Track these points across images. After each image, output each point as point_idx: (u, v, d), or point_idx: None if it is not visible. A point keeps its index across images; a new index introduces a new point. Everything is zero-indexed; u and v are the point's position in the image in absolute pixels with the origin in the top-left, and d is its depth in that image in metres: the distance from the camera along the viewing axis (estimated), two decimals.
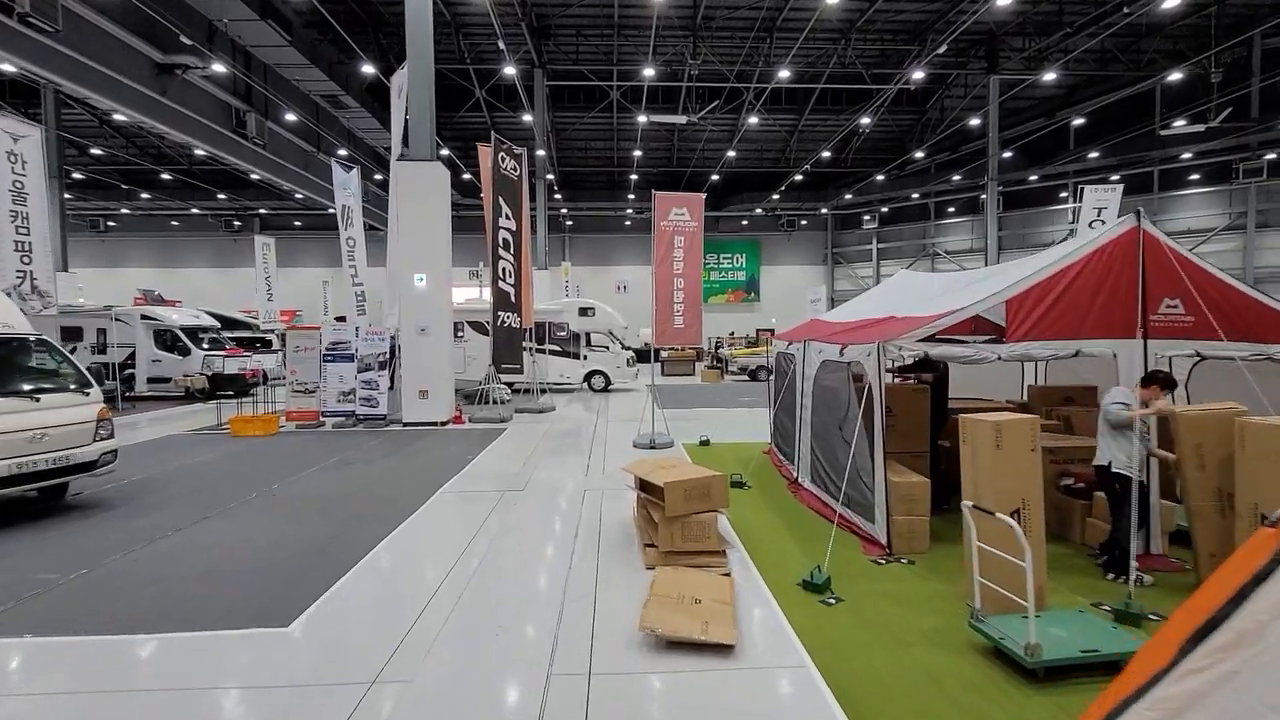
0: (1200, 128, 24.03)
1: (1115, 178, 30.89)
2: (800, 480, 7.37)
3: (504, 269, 13.26)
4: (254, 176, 29.34)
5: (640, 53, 26.27)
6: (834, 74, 27.34)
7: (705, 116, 24.29)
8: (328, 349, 12.03)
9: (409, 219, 12.04)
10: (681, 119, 23.04)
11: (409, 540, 5.83)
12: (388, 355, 12.24)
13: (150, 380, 16.52)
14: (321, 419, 12.11)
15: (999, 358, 5.21)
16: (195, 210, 35.89)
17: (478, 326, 17.60)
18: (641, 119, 23.85)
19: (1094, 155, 28.53)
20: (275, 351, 19.08)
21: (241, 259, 34.91)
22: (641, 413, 13.92)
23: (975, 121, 27.54)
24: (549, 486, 7.73)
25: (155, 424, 12.91)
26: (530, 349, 14.38)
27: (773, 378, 9.26)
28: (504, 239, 13.25)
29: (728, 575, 4.76)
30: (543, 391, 15.93)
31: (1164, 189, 29.62)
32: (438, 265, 12.19)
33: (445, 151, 27.76)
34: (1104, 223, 20.46)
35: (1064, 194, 31.97)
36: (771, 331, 37.29)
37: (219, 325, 18.74)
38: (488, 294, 13.55)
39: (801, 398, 7.36)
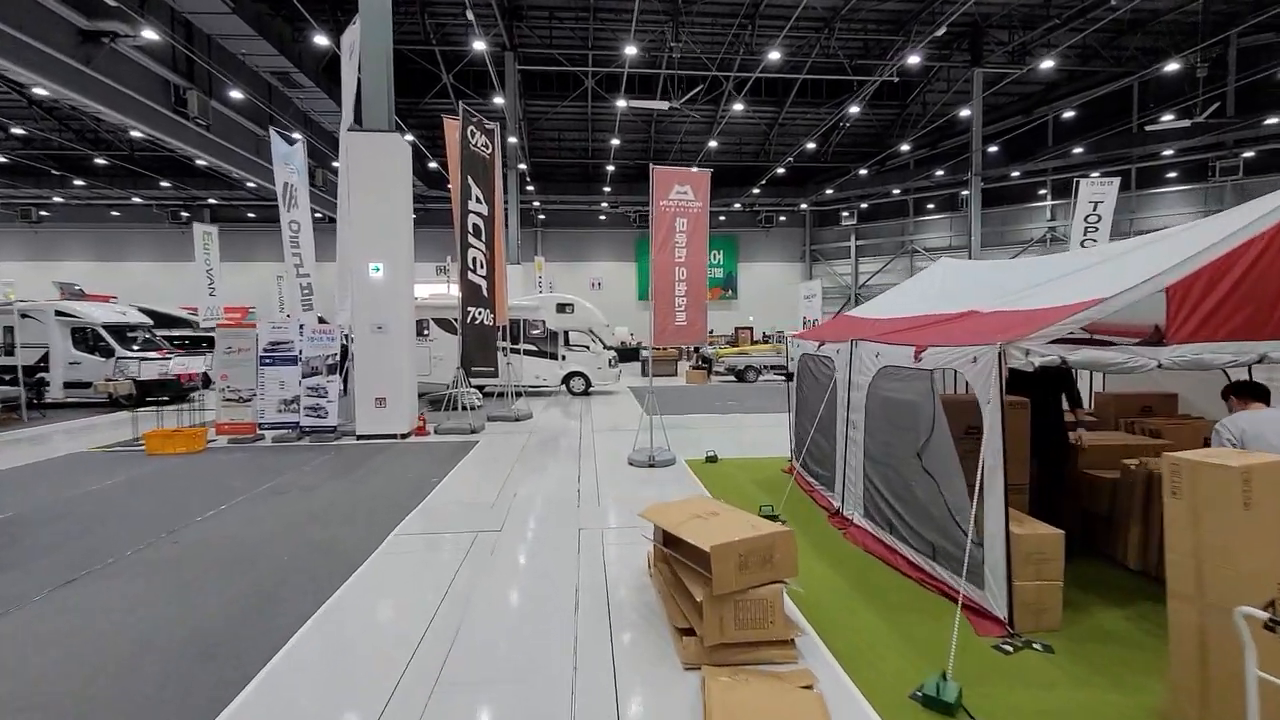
0: (1186, 123, 23.41)
1: (1096, 174, 30.39)
2: (848, 514, 5.87)
3: (474, 259, 11.52)
4: (200, 163, 26.83)
5: (618, 38, 24.66)
6: (816, 64, 26.10)
7: (687, 103, 22.73)
8: (266, 350, 10.14)
9: (363, 200, 10.23)
10: (664, 104, 21.51)
11: (343, 622, 4.14)
12: (338, 357, 10.41)
13: (68, 385, 14.30)
14: (259, 432, 10.22)
15: (1158, 365, 3.77)
16: (138, 200, 33.01)
17: (445, 324, 15.80)
18: (621, 103, 22.24)
19: (1077, 151, 27.81)
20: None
21: (190, 253, 32.10)
22: (629, 419, 12.40)
23: (965, 113, 26.57)
24: (534, 524, 6.09)
25: (67, 437, 10.86)
26: (504, 349, 12.69)
27: (794, 384, 7.76)
28: (474, 224, 11.50)
29: (810, 688, 3.21)
30: (518, 395, 14.23)
31: (1141, 186, 29.16)
32: (397, 253, 10.41)
33: (409, 137, 25.70)
34: (1100, 217, 19.58)
35: (1043, 191, 31.36)
36: (750, 330, 36.09)
37: (151, 323, 16.52)
38: (456, 289, 11.81)
39: (848, 412, 5.87)
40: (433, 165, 29.49)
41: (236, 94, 20.32)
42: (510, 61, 25.00)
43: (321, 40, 18.91)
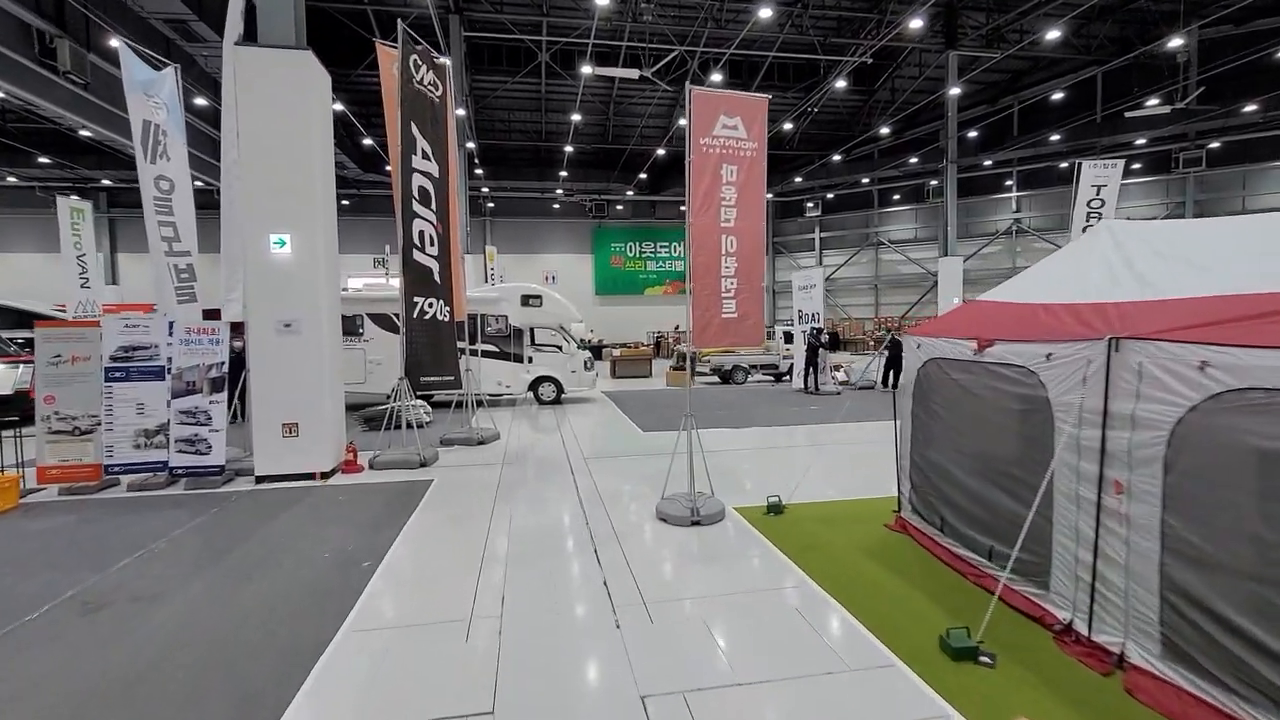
0: (1167, 109, 22.34)
1: (1063, 164, 29.44)
2: (1109, 642, 3.29)
3: (421, 233, 8.48)
4: (85, 134, 22.35)
5: (575, 4, 21.72)
6: (788, 40, 23.88)
7: (658, 73, 19.99)
8: (115, 360, 6.84)
9: (260, 145, 7.07)
10: (633, 72, 18.74)
11: None
12: (226, 368, 7.21)
13: None
14: (109, 478, 6.93)
15: None
16: (13, 180, 27.75)
17: (383, 321, 12.60)
18: (586, 69, 19.31)
19: (1055, 139, 26.58)
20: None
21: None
22: (620, 438, 9.56)
23: (955, 92, 24.82)
24: (551, 691, 3.25)
25: None
26: (462, 351, 9.72)
27: (905, 399, 5.17)
28: (420, 188, 8.46)
29: None
30: (479, 404, 11.22)
31: None
32: (312, 220, 7.30)
33: (339, 107, 21.98)
34: (1103, 202, 18.01)
35: (1009, 182, 30.24)
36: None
37: None
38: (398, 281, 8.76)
39: (1101, 465, 3.31)
40: (367, 142, 25.72)
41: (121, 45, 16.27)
42: (455, 26, 21.75)
43: None
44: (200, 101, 20.29)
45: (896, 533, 5.25)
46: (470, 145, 25.60)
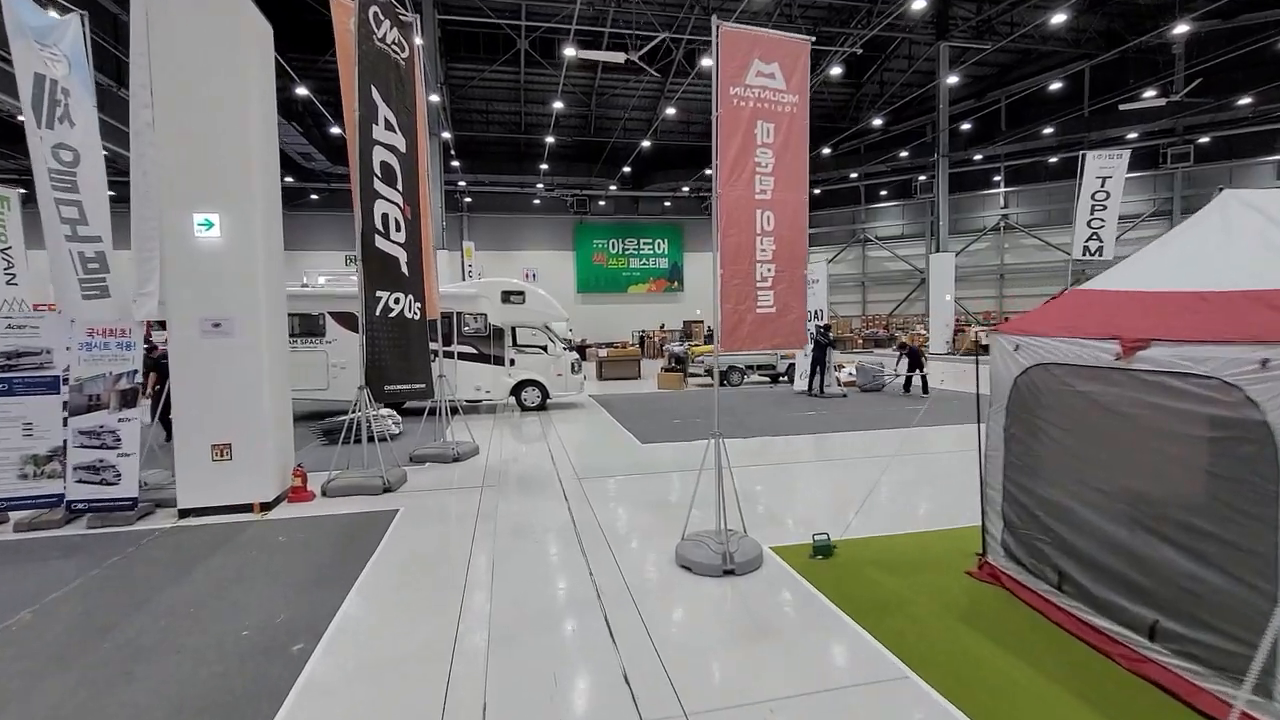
0: (1162, 101, 21.74)
1: (1053, 159, 28.89)
2: None
3: (384, 216, 7.17)
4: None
5: None
6: (777, 27, 22.79)
7: (644, 58, 18.76)
8: None
9: (181, 102, 5.71)
10: (619, 56, 17.45)
11: None
12: (139, 377, 5.84)
13: None
14: None
15: None
16: None
17: (349, 320, 11.22)
18: (570, 52, 17.98)
19: (1046, 132, 25.91)
20: None
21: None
22: (615, 450, 8.26)
23: (952, 80, 23.95)
24: None
25: None
26: (435, 353, 8.42)
27: (999, 415, 4.04)
28: (383, 164, 7.14)
29: None
30: (454, 412, 9.90)
31: None
32: (249, 198, 5.96)
33: (303, 91, 20.40)
34: (1108, 194, 17.25)
35: (997, 178, 29.60)
36: (701, 324, 32.59)
37: None
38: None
39: None
40: (337, 132, 24.08)
41: None
42: (429, 8, 20.28)
43: None
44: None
45: (985, 583, 4.12)
46: (446, 135, 24.12)
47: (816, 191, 32.69)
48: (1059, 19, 18.81)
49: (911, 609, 3.81)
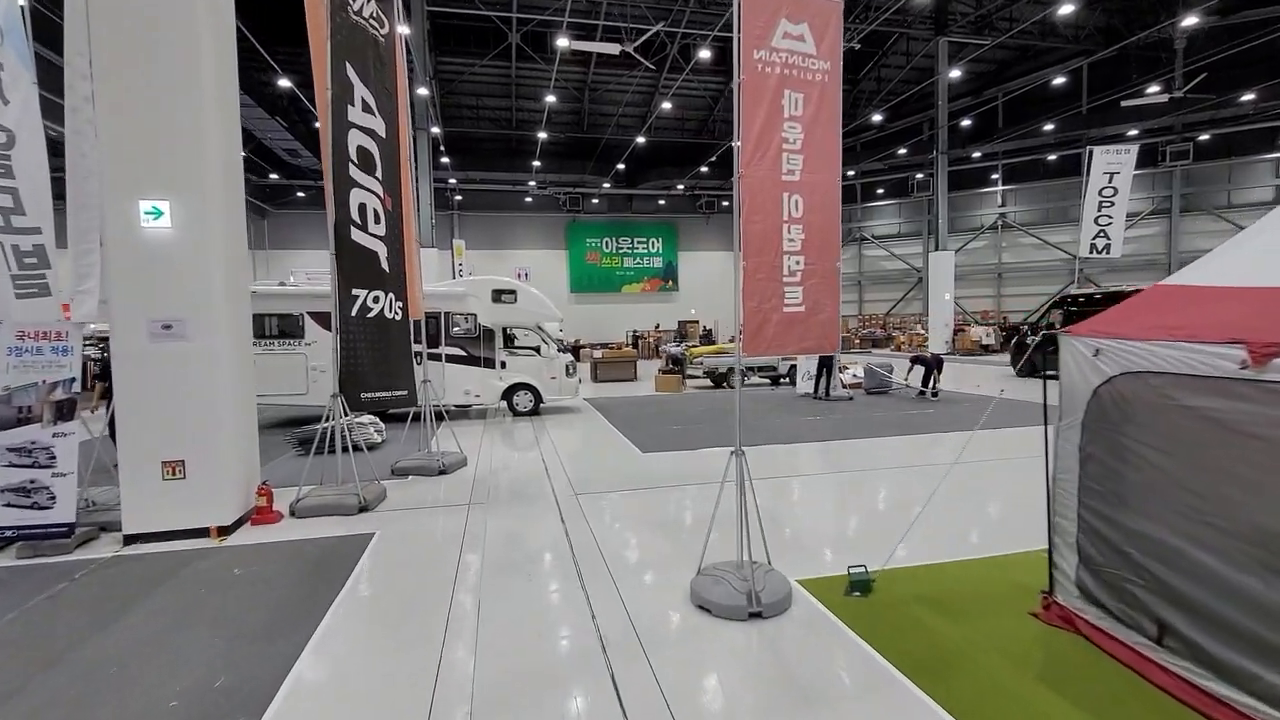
0: (1165, 98, 21.32)
1: (1052, 157, 28.47)
2: None
3: (362, 207, 6.51)
4: None
5: None
6: None
7: (640, 49, 18.10)
8: None
9: (124, 69, 5.02)
10: (613, 47, 16.81)
11: None
12: (75, 387, 5.12)
13: None
14: None
15: None
16: None
17: (329, 320, 10.47)
18: (562, 42, 17.28)
19: (1049, 128, 25.46)
20: None
21: None
22: (613, 460, 7.45)
23: (955, 74, 23.45)
24: None
25: None
26: (420, 355, 7.74)
27: (1075, 435, 3.42)
28: (360, 148, 6.48)
29: None
30: (439, 417, 9.20)
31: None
32: (204, 182, 5.26)
33: (286, 83, 19.60)
34: (1116, 190, 16.77)
35: (994, 176, 29.17)
36: (697, 324, 31.96)
37: None
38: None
39: None
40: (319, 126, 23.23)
41: None
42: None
43: None
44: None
45: (1056, 627, 3.50)
46: (435, 130, 23.38)
47: None
48: (1067, 9, 18.17)
49: (978, 665, 3.18)
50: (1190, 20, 18.18)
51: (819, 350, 4.22)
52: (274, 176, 28.43)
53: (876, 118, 25.61)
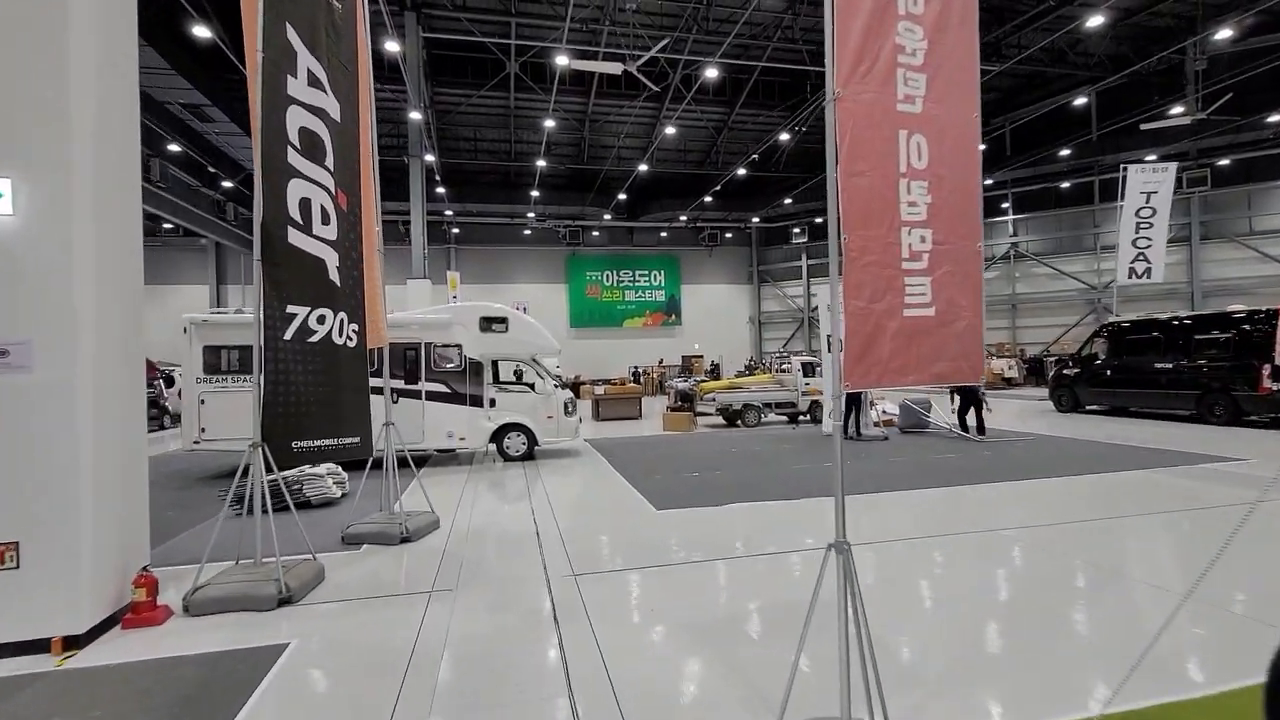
0: (1188, 120, 20.33)
1: (1065, 185, 27.47)
2: None
3: (304, 203, 5.04)
4: None
5: (549, 11, 18.96)
6: (775, 51, 21.69)
7: (641, 70, 17.06)
8: None
9: None
10: (615, 66, 15.76)
11: None
12: None
13: None
14: None
15: None
16: None
17: None
18: (562, 60, 16.31)
19: (1065, 154, 24.47)
20: None
21: None
22: (624, 520, 5.53)
23: None
24: None
25: None
26: (392, 393, 6.19)
27: None
28: (302, 129, 5.05)
29: None
30: (403, 464, 7.56)
31: (1105, 199, 26.25)
32: (64, 154, 3.79)
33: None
34: (1154, 210, 15.52)
35: (1005, 205, 28.12)
36: (701, 358, 30.47)
37: None
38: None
39: None
40: None
41: None
42: (412, 24, 18.74)
43: None
44: None
45: None
46: (430, 158, 22.32)
47: (819, 220, 31.12)
48: (1096, 20, 17.20)
49: None
50: (1228, 31, 17.23)
51: (957, 378, 2.66)
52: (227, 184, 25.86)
53: None
